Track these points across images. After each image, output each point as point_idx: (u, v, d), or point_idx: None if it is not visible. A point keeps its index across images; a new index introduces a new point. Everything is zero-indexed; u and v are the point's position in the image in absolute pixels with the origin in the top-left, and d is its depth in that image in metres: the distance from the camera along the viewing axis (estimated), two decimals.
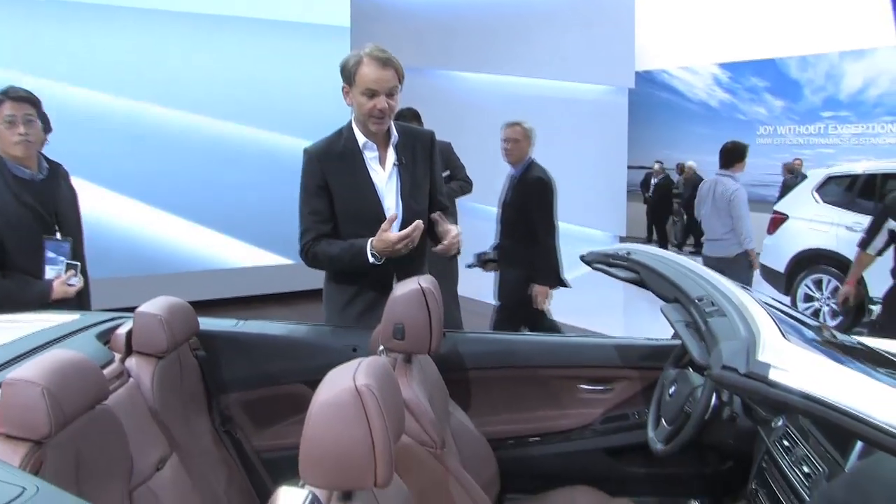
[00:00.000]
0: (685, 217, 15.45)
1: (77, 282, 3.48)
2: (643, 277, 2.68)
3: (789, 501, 2.35)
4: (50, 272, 3.45)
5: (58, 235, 3.48)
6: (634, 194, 15.59)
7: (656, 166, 15.97)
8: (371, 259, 3.08)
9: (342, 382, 1.56)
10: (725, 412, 2.74)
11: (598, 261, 2.96)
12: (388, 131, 3.23)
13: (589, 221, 12.01)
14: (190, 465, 2.57)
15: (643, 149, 15.52)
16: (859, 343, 2.39)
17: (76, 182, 3.80)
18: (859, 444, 2.16)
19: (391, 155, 3.25)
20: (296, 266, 5.52)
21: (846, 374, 1.65)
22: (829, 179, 8.81)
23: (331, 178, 3.17)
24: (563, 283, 5.58)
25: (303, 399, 1.57)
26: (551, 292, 5.53)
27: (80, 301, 3.54)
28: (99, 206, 8.17)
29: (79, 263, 3.53)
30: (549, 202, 5.50)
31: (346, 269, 3.23)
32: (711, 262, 6.95)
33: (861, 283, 7.93)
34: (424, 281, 2.62)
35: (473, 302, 7.47)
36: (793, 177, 13.15)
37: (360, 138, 3.19)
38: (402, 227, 3.17)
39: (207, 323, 3.05)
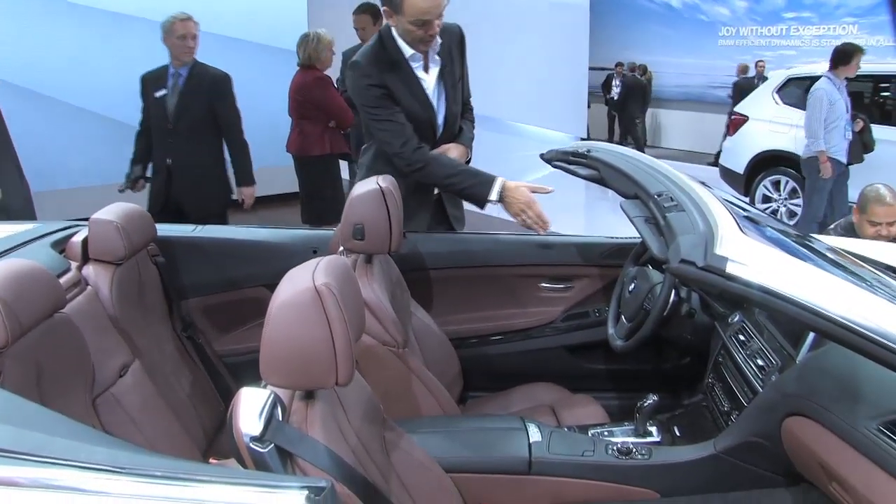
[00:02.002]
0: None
1: None
2: (603, 175, 2.67)
3: (743, 393, 2.42)
4: None
5: None
6: (596, 96, 15.52)
7: (618, 67, 15.86)
8: (493, 196, 3.03)
9: (301, 282, 1.54)
10: (684, 308, 2.79)
11: (557, 159, 2.95)
12: None
13: (550, 123, 11.96)
14: (153, 371, 2.57)
15: (604, 50, 15.39)
16: (814, 240, 2.43)
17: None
18: (810, 337, 2.22)
19: (434, 60, 3.18)
20: (258, 171, 5.47)
21: (800, 268, 1.66)
22: (790, 81, 8.81)
23: (389, 87, 3.08)
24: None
25: (264, 302, 1.55)
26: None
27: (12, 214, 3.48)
28: (47, 116, 7.98)
29: None
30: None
31: (454, 188, 3.15)
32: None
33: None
34: (383, 181, 2.60)
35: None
36: (745, 77, 13.31)
37: (407, 50, 3.09)
38: (446, 128, 3.23)
39: (165, 229, 3.01)
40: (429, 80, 3.18)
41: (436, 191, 3.32)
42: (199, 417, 2.77)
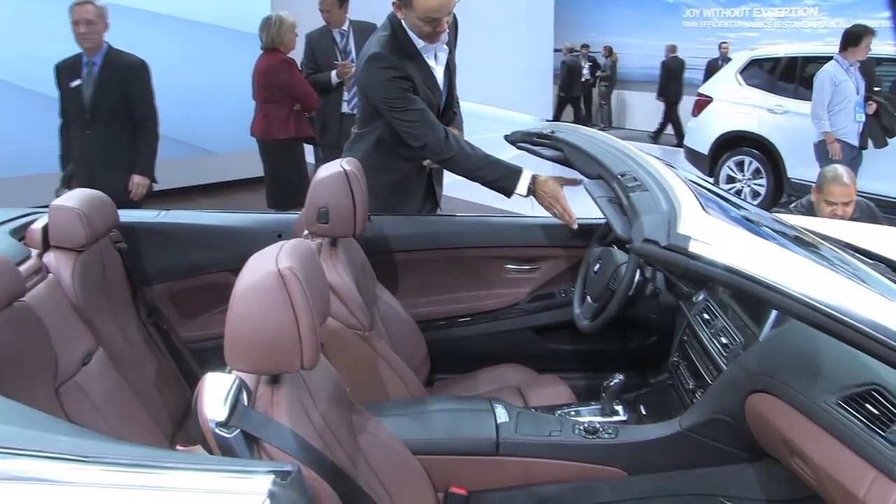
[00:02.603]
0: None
1: None
2: (567, 155, 2.67)
3: (708, 372, 2.45)
4: None
5: None
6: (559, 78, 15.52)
7: (583, 49, 15.85)
8: (522, 189, 3.03)
9: (264, 266, 1.53)
10: (649, 288, 2.81)
11: (522, 140, 2.95)
12: None
13: (515, 105, 11.96)
14: (117, 359, 2.55)
15: (569, 31, 15.38)
16: (777, 219, 2.45)
17: None
18: (773, 315, 2.25)
19: (442, 49, 3.20)
20: (218, 157, 5.44)
21: (763, 247, 1.68)
22: (753, 62, 8.87)
23: (411, 77, 3.06)
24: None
25: (229, 287, 1.54)
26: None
27: None
28: (5, 102, 7.88)
29: None
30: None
31: (481, 180, 3.12)
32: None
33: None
34: (348, 164, 2.59)
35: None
36: (673, 57, 13.70)
37: (418, 42, 3.09)
38: (446, 110, 3.26)
39: (127, 215, 2.98)
40: (438, 70, 3.20)
41: (427, 171, 3.35)
42: (165, 404, 2.75)
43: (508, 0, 11.80)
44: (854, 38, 6.85)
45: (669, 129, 13.60)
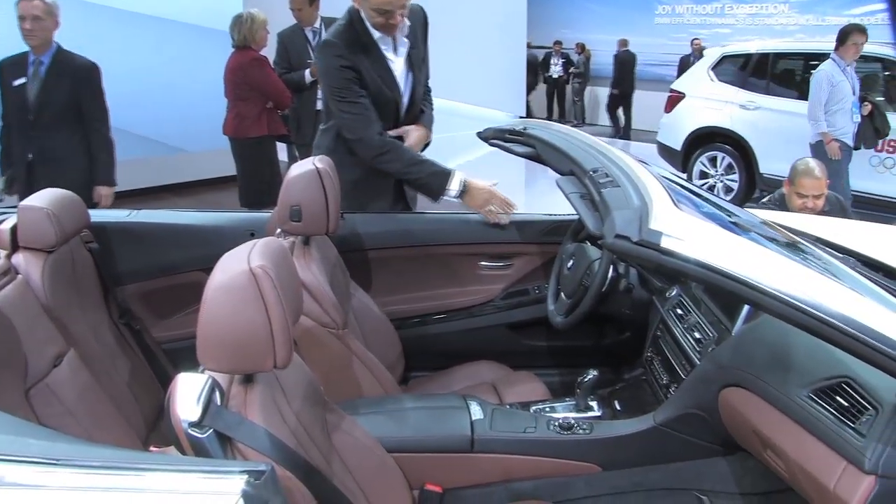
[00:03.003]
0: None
1: None
2: (539, 152, 2.68)
3: (682, 366, 2.46)
4: None
5: None
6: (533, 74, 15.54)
7: (556, 46, 15.89)
8: (451, 192, 3.04)
9: (236, 265, 1.53)
10: (622, 284, 2.82)
11: (495, 137, 2.96)
12: None
13: (488, 102, 11.97)
14: (89, 360, 2.52)
15: (542, 28, 15.41)
16: (749, 214, 2.47)
17: None
18: (745, 310, 2.27)
19: (402, 42, 3.17)
20: (191, 155, 5.40)
21: (734, 242, 1.69)
22: (725, 58, 8.93)
23: (359, 69, 3.05)
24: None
25: (201, 287, 1.53)
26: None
27: None
28: None
29: None
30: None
31: (412, 180, 3.15)
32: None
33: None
34: (320, 162, 2.58)
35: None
36: (625, 50, 14.15)
37: (375, 32, 3.08)
38: (410, 109, 3.23)
39: (98, 214, 2.95)
40: (397, 62, 3.17)
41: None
42: (139, 406, 2.73)
43: None
44: (842, 36, 6.82)
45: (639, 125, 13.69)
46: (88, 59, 4.71)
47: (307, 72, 5.99)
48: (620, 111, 14.59)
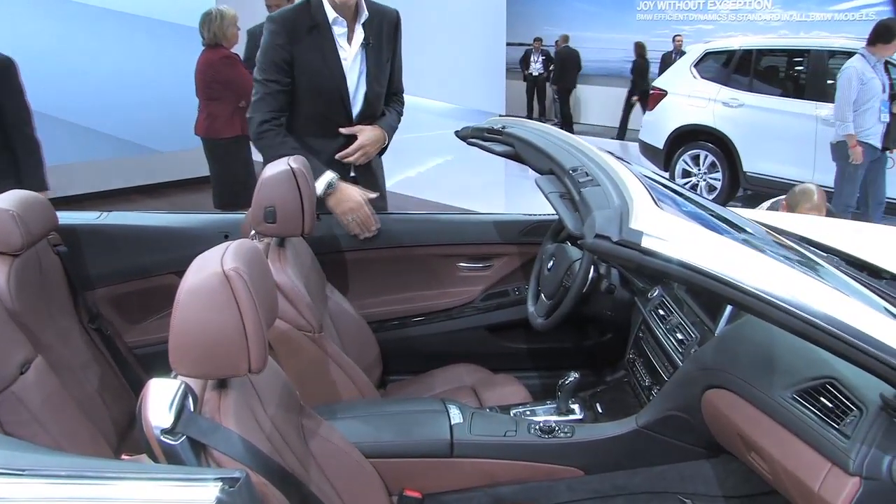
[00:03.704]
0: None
1: None
2: (518, 151, 2.69)
3: (664, 368, 2.48)
4: None
5: None
6: (514, 72, 15.58)
7: (536, 43, 15.94)
8: (318, 188, 2.96)
9: (209, 267, 1.52)
10: (603, 285, 2.84)
11: (473, 136, 2.96)
12: (357, 7, 3.12)
13: (467, 100, 11.99)
14: (58, 367, 2.49)
15: (522, 25, 15.46)
16: (732, 214, 2.48)
17: None
18: (728, 310, 2.28)
19: (359, 32, 3.16)
20: (162, 155, 5.36)
21: (716, 241, 1.70)
22: (707, 55, 8.97)
23: (297, 51, 3.06)
24: None
25: (174, 290, 1.52)
26: None
27: None
28: None
29: None
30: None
31: None
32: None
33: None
34: (294, 161, 2.58)
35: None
36: (565, 46, 14.39)
37: (330, 13, 3.07)
38: (364, 109, 3.20)
39: (67, 217, 2.93)
40: (348, 51, 3.15)
41: (352, 173, 3.31)
42: (110, 413, 2.71)
43: None
44: (887, 32, 6.44)
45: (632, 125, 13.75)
46: (3, 55, 4.36)
47: None
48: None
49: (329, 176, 3.00)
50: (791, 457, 1.77)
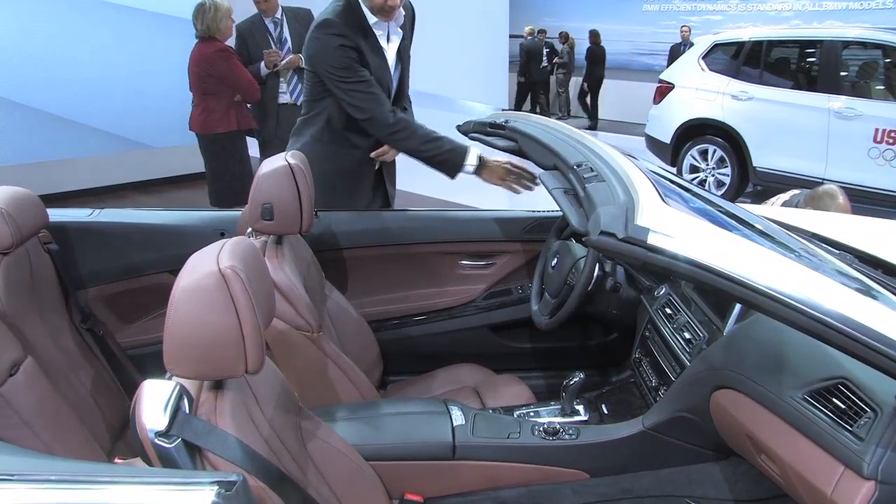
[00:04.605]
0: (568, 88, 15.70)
1: None
2: (521, 145, 2.69)
3: (671, 368, 2.48)
4: None
5: None
6: (517, 65, 15.57)
7: (540, 35, 15.94)
8: (468, 167, 3.09)
9: (205, 266, 1.52)
10: (609, 283, 2.84)
11: (474, 130, 2.97)
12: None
13: (469, 94, 11.96)
14: (49, 368, 2.50)
15: (525, 16, 15.45)
16: (741, 210, 2.48)
17: None
18: (737, 309, 2.28)
19: (395, 31, 3.22)
20: (156, 151, 5.34)
21: (725, 238, 1.70)
22: (716, 47, 8.94)
23: (361, 49, 3.10)
24: None
25: (168, 289, 1.52)
26: None
27: None
28: None
29: None
30: None
31: (430, 156, 3.17)
32: None
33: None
34: (292, 157, 2.57)
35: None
36: (531, 38, 14.86)
37: (370, 17, 3.12)
38: (396, 100, 3.28)
39: (58, 214, 2.93)
40: (390, 50, 3.22)
41: (377, 165, 3.34)
42: (103, 415, 2.72)
43: None
44: None
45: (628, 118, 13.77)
46: None
47: (262, 64, 5.99)
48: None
49: (476, 151, 3.09)
50: (803, 459, 1.77)
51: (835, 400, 1.75)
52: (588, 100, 15.37)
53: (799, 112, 7.96)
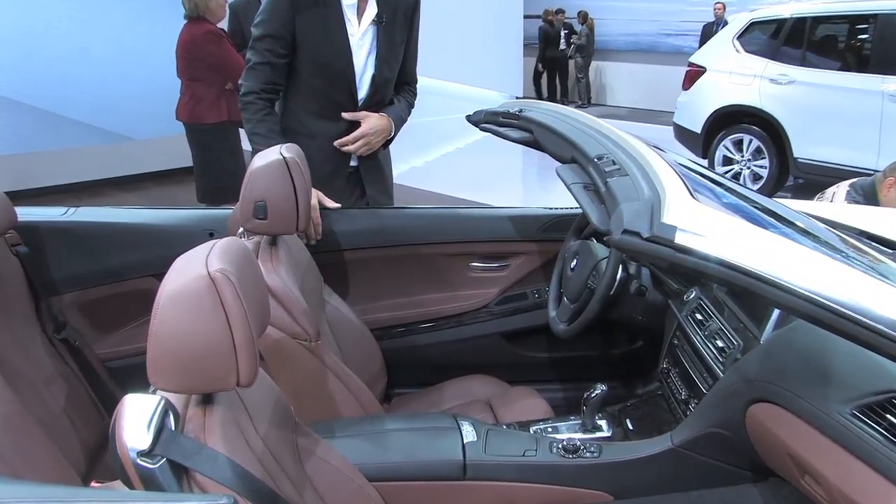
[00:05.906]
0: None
1: None
2: (537, 137, 2.69)
3: (702, 379, 2.47)
4: None
5: None
6: (531, 48, 15.56)
7: (559, 15, 15.94)
8: None
9: (193, 269, 1.53)
10: (633, 286, 2.84)
11: (486, 121, 2.96)
12: None
13: (482, 81, 11.97)
14: (17, 382, 2.49)
15: None
16: (780, 206, 2.48)
17: None
18: (775, 315, 2.27)
19: (372, 8, 3.19)
20: (137, 143, 5.35)
21: (762, 237, 1.69)
22: (753, 25, 8.90)
23: (300, 21, 3.09)
24: None
25: (152, 295, 1.52)
26: None
27: None
28: None
29: None
30: None
31: (252, 145, 3.15)
32: None
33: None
34: (287, 150, 2.58)
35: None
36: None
37: None
38: (371, 93, 3.23)
39: (29, 213, 2.94)
40: (356, 29, 3.18)
41: (353, 163, 3.33)
42: (77, 434, 2.71)
43: None
44: None
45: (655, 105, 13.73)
46: None
47: None
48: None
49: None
50: (853, 482, 1.75)
51: (889, 416, 1.73)
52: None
53: (848, 96, 7.89)
